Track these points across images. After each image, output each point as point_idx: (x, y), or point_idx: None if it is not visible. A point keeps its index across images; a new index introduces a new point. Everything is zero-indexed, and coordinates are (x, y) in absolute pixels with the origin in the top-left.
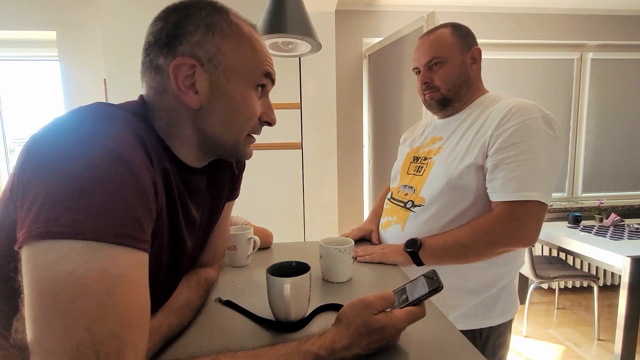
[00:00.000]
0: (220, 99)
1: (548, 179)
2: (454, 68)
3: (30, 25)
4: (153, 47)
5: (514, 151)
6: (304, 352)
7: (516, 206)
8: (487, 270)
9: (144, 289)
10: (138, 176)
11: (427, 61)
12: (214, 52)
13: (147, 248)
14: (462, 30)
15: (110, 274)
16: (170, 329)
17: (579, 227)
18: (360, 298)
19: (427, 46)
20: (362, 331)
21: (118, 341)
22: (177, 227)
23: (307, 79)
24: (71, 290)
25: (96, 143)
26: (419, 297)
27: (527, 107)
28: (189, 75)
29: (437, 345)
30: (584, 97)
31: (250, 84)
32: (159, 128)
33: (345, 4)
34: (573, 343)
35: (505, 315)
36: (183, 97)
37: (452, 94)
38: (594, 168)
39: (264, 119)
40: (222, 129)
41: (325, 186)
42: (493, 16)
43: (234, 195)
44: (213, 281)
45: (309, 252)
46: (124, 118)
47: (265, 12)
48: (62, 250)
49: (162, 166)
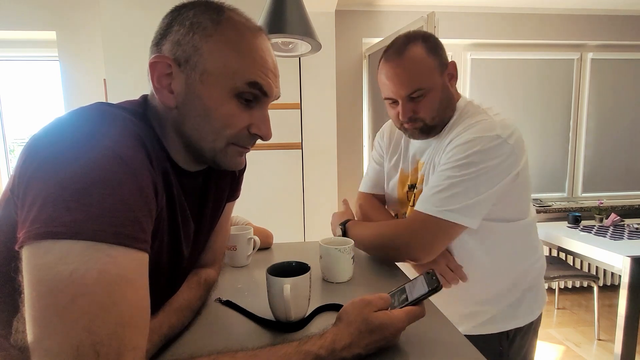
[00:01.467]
0: (193, 102)
1: (472, 204)
2: (438, 94)
3: (30, 25)
4: (151, 47)
5: (449, 172)
6: (304, 352)
7: (427, 219)
8: (507, 273)
9: (144, 289)
10: (138, 176)
11: (408, 93)
12: (191, 53)
13: (147, 248)
14: (433, 43)
15: (110, 274)
16: (170, 329)
17: (579, 227)
18: (361, 297)
19: (405, 75)
20: (362, 329)
21: (118, 341)
22: (177, 228)
23: (307, 79)
24: (71, 290)
25: (96, 143)
26: (419, 296)
27: (476, 143)
28: (167, 74)
29: (437, 346)
30: (584, 97)
31: (228, 92)
32: (156, 127)
33: (345, 4)
34: (573, 343)
35: (530, 316)
36: (158, 94)
37: (436, 121)
38: (594, 168)
39: (253, 131)
40: (197, 134)
41: (325, 186)
42: (493, 16)
43: (234, 196)
44: (213, 281)
45: (309, 252)
46: (124, 118)
47: (265, 12)
48: (62, 250)
49: (162, 167)
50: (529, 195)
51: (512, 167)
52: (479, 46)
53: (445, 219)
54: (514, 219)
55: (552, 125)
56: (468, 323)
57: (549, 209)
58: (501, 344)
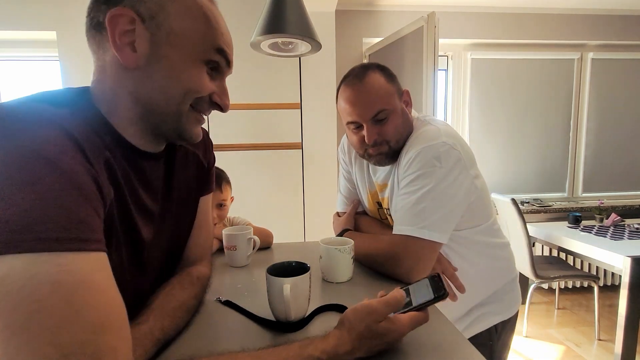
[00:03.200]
0: (160, 62)
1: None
2: (399, 117)
3: (30, 25)
4: (93, 7)
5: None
6: (306, 356)
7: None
8: (487, 274)
9: (110, 289)
10: (71, 174)
11: (372, 115)
12: (156, 10)
13: (101, 247)
14: (389, 72)
15: (65, 284)
16: (163, 333)
17: (579, 227)
18: (365, 303)
19: (368, 97)
20: (365, 336)
21: (92, 348)
22: (129, 218)
23: (307, 79)
24: (25, 307)
25: (16, 146)
26: (424, 302)
27: (425, 153)
28: (129, 30)
29: (437, 347)
30: (584, 97)
31: (196, 56)
32: (102, 106)
33: (345, 4)
34: (573, 343)
35: (514, 307)
36: (119, 53)
37: (399, 145)
38: (594, 168)
39: (214, 99)
40: (161, 96)
41: (325, 186)
42: (493, 16)
43: (207, 189)
44: (206, 278)
45: (309, 252)
46: (48, 114)
47: (265, 12)
48: (3, 268)
49: (102, 156)
50: (489, 200)
51: (465, 174)
52: (479, 46)
53: (421, 237)
54: (480, 224)
55: (552, 125)
56: (461, 326)
57: (549, 209)
58: (491, 339)
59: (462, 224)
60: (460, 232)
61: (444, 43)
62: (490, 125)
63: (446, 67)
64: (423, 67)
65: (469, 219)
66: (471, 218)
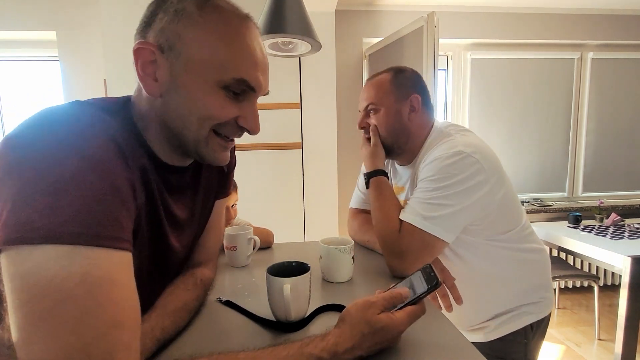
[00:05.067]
0: (178, 90)
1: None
2: (388, 117)
3: (30, 25)
4: (135, 35)
5: (426, 187)
6: (307, 355)
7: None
8: (520, 275)
9: (130, 288)
10: (110, 175)
11: (364, 106)
12: (174, 40)
13: (129, 247)
14: (404, 77)
15: (92, 277)
16: (163, 332)
17: (580, 227)
18: (365, 298)
19: (367, 91)
20: (365, 332)
21: (108, 342)
22: (159, 224)
23: (307, 79)
24: (53, 296)
25: (65, 146)
26: (419, 295)
27: (446, 156)
28: (151, 61)
29: (437, 346)
30: (584, 97)
31: (214, 82)
32: (137, 121)
33: (345, 4)
34: (573, 343)
35: (547, 309)
36: (142, 82)
37: (388, 142)
38: (594, 168)
39: (240, 123)
40: (180, 123)
41: (325, 186)
42: (493, 16)
43: (224, 193)
44: (210, 281)
45: (309, 252)
46: (97, 118)
47: (265, 12)
48: (39, 257)
49: (139, 163)
50: (516, 206)
51: (483, 181)
52: (479, 46)
53: (423, 229)
54: (510, 229)
55: (552, 124)
56: (496, 323)
57: (549, 208)
58: (526, 337)
59: (487, 232)
60: (488, 241)
61: (444, 43)
62: (490, 125)
63: (446, 67)
64: (423, 67)
65: (493, 226)
66: (496, 227)
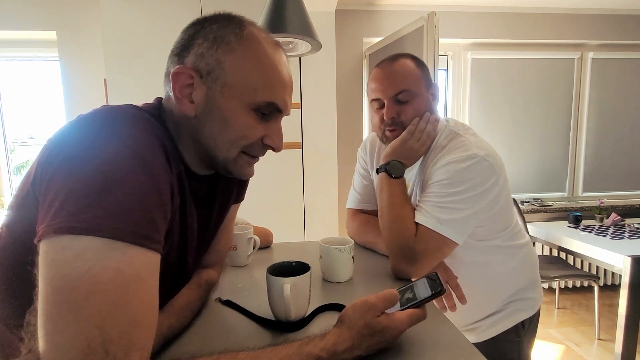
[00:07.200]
0: (213, 112)
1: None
2: (422, 103)
3: (30, 25)
4: (170, 56)
5: (441, 191)
6: (306, 354)
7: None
8: (513, 271)
9: (154, 289)
10: (157, 177)
11: (394, 93)
12: (213, 66)
13: (160, 249)
14: (422, 62)
15: (125, 274)
16: (169, 330)
17: (580, 227)
18: (363, 299)
19: (393, 76)
20: (364, 333)
21: (127, 340)
22: (186, 231)
23: (307, 79)
24: (86, 287)
25: (119, 143)
26: (422, 299)
27: (461, 160)
28: (188, 84)
29: (437, 346)
30: (584, 97)
31: (246, 104)
32: (171, 130)
33: (345, 4)
34: (573, 343)
35: (537, 304)
36: (178, 102)
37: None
38: (594, 168)
39: (266, 142)
40: (212, 143)
41: (325, 186)
42: (493, 16)
43: (239, 199)
44: (214, 282)
45: (309, 252)
46: (146, 120)
47: (265, 12)
48: (80, 246)
49: (177, 169)
50: (511, 204)
51: (494, 183)
52: (479, 46)
53: (439, 232)
54: (505, 228)
55: (552, 124)
56: (490, 322)
57: (549, 208)
58: (519, 335)
59: (485, 232)
60: (484, 241)
61: (444, 43)
62: (490, 124)
63: (446, 67)
64: None
65: (493, 227)
66: (494, 226)
